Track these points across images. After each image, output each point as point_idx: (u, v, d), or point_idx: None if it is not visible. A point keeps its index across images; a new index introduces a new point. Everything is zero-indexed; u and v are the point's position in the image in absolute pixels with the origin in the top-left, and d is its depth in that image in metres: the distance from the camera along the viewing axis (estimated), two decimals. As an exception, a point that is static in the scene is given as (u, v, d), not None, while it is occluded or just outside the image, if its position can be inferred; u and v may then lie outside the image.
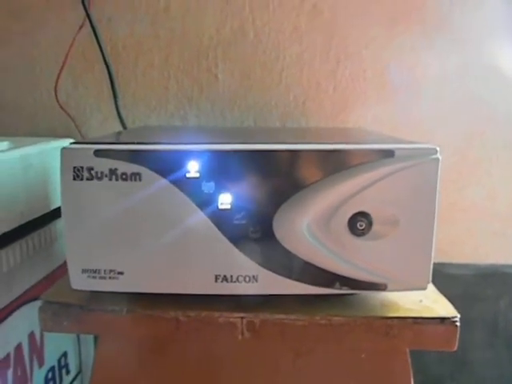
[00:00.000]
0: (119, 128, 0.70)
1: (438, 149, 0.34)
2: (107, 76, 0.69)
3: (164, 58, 0.69)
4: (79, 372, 0.65)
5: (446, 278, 0.73)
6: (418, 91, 0.68)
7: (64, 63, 0.68)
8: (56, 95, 0.69)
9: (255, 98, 0.70)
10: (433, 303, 0.37)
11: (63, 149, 0.34)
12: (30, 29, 0.69)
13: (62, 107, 0.70)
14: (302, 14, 0.67)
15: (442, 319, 0.35)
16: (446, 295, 0.41)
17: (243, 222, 0.34)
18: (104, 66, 0.68)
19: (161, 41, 0.69)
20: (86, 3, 0.66)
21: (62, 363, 0.61)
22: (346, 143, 0.35)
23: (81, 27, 0.67)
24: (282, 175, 0.34)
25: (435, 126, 0.68)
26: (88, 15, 0.66)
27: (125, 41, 0.69)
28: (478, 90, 0.67)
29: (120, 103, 0.69)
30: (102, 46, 0.67)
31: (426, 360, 0.75)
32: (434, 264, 0.72)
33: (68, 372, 0.62)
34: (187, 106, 0.71)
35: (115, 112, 0.69)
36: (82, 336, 0.65)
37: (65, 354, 0.62)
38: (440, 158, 0.34)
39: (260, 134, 0.53)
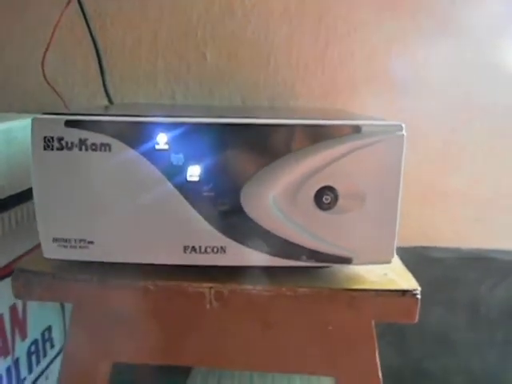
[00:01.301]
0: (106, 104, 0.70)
1: (403, 125, 0.34)
2: (94, 52, 0.69)
3: (152, 35, 0.69)
4: (64, 345, 0.66)
5: (428, 261, 0.74)
6: (406, 76, 0.68)
7: (51, 39, 0.68)
8: (43, 72, 0.69)
9: (243, 77, 0.70)
10: (397, 277, 0.37)
11: (34, 119, 0.35)
12: (18, 6, 0.69)
13: (49, 83, 0.70)
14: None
15: (404, 292, 0.35)
16: (428, 278, 0.42)
17: (211, 194, 0.35)
18: (92, 43, 0.68)
19: (149, 18, 0.69)
20: (73, -22, 0.65)
21: (46, 337, 0.62)
22: (315, 119, 0.35)
23: (68, 3, 0.67)
24: (250, 149, 0.35)
25: (421, 111, 0.69)
26: (75, -10, 0.66)
27: (113, 17, 0.69)
28: (465, 77, 0.67)
29: (108, 80, 0.69)
30: (90, 22, 0.67)
31: (408, 341, 0.76)
32: (417, 247, 0.73)
33: (52, 346, 0.64)
34: (175, 85, 0.71)
35: (103, 89, 0.70)
36: (66, 310, 0.66)
37: (49, 328, 0.63)
38: (405, 134, 0.34)
39: (235, 111, 0.53)
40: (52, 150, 0.34)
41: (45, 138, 0.34)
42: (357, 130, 0.34)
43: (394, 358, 0.76)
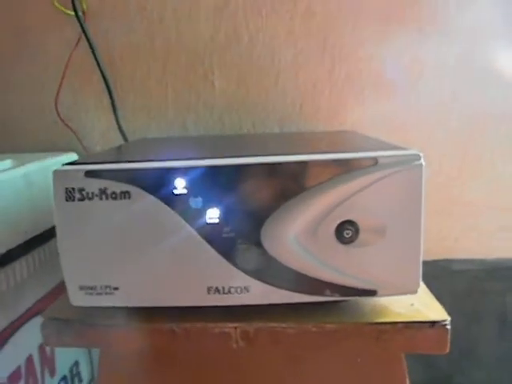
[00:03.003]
0: (120, 139, 0.71)
1: (421, 155, 0.34)
2: (105, 89, 0.70)
3: (161, 67, 0.70)
4: (91, 379, 0.67)
5: (452, 274, 0.73)
6: (416, 89, 0.68)
7: (62, 78, 0.70)
8: (57, 110, 0.71)
9: (253, 103, 0.71)
10: (424, 307, 0.37)
11: (55, 171, 0.35)
12: (31, 48, 0.71)
13: (63, 121, 0.71)
14: (296, 16, 0.68)
15: (433, 323, 0.35)
16: (452, 291, 0.41)
17: (232, 234, 0.35)
18: (102, 78, 0.69)
19: (157, 50, 0.70)
20: (81, 18, 0.67)
21: (74, 372, 0.63)
22: (330, 152, 0.35)
23: (78, 42, 0.69)
24: (267, 187, 0.35)
25: (435, 122, 0.68)
26: (83, 29, 0.67)
27: (122, 52, 0.70)
28: (477, 84, 0.67)
29: (120, 114, 0.71)
30: (99, 58, 0.69)
31: (434, 356, 0.75)
32: (440, 261, 0.72)
33: (81, 380, 0.64)
34: (186, 114, 0.71)
35: (115, 123, 0.71)
36: (92, 344, 0.66)
37: (76, 364, 0.63)
38: (423, 163, 0.34)
39: (249, 143, 0.53)
40: (73, 200, 0.35)
41: (66, 189, 0.35)
42: (374, 162, 0.34)
43: (421, 374, 0.75)
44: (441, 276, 0.70)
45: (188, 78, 0.70)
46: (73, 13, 0.66)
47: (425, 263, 0.38)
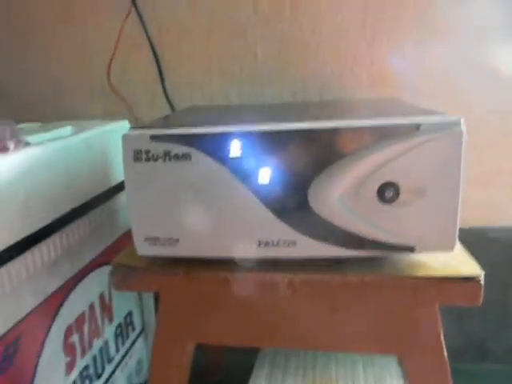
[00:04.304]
0: (167, 107, 0.75)
1: (462, 120, 0.36)
2: (153, 60, 0.73)
3: (205, 39, 0.73)
4: (142, 329, 0.74)
5: (489, 242, 0.75)
6: (456, 59, 0.68)
7: (115, 49, 0.73)
8: (109, 80, 0.75)
9: (294, 73, 0.73)
10: (459, 263, 0.40)
11: (124, 135, 0.40)
12: (83, 21, 0.75)
13: (114, 90, 0.76)
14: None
15: (466, 278, 0.38)
16: (489, 259, 0.43)
17: (281, 193, 0.39)
18: (150, 50, 0.73)
19: (201, 23, 0.72)
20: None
21: (128, 320, 0.69)
22: (375, 118, 0.38)
23: (128, 14, 0.72)
24: (315, 151, 0.38)
25: (478, 91, 0.68)
26: (134, 2, 0.71)
27: (168, 24, 0.73)
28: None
29: (167, 85, 0.74)
30: (148, 30, 0.72)
31: (469, 321, 0.77)
32: (478, 228, 0.73)
33: (133, 329, 0.71)
34: (229, 84, 0.74)
35: (162, 93, 0.75)
36: (144, 297, 0.73)
37: (130, 313, 0.70)
38: (464, 129, 0.36)
39: (294, 111, 0.56)
40: (141, 161, 0.39)
41: (134, 151, 0.39)
42: (416, 127, 0.37)
43: (457, 340, 0.77)
44: (477, 243, 0.72)
45: (231, 49, 0.73)
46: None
47: (462, 231, 0.40)
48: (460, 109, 0.68)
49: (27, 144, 0.49)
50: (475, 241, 0.65)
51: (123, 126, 0.68)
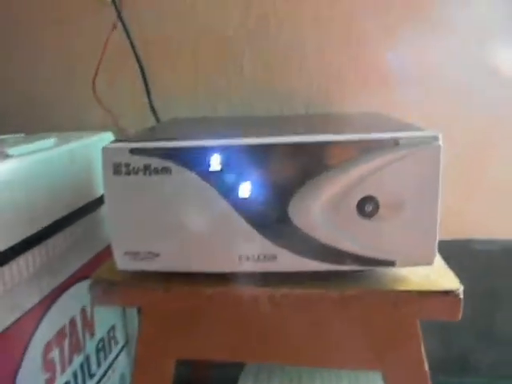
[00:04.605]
0: (152, 119, 0.75)
1: (439, 136, 0.37)
2: (139, 72, 0.74)
3: (192, 52, 0.73)
4: (126, 342, 0.73)
5: (472, 254, 0.75)
6: (442, 76, 0.69)
7: (100, 61, 0.73)
8: (94, 92, 0.75)
9: (280, 86, 0.73)
10: (439, 277, 0.40)
11: (104, 148, 0.39)
12: (68, 33, 0.75)
13: (99, 102, 0.75)
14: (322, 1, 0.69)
15: (446, 292, 0.38)
16: (472, 271, 0.43)
17: (262, 208, 0.39)
18: (136, 62, 0.73)
19: (188, 36, 0.73)
20: (118, 4, 0.70)
21: (111, 335, 0.68)
22: (354, 133, 0.38)
23: (114, 27, 0.72)
24: (295, 165, 0.38)
25: (458, 106, 0.69)
26: (119, 15, 0.71)
27: (154, 37, 0.73)
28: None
29: (152, 97, 0.74)
30: (134, 43, 0.72)
31: (452, 333, 0.77)
32: (460, 241, 0.74)
33: (116, 343, 0.70)
34: (215, 97, 0.75)
35: (148, 105, 0.75)
36: (127, 311, 0.72)
37: (113, 327, 0.69)
38: (442, 144, 0.36)
39: (276, 124, 0.56)
40: (120, 174, 0.39)
41: (114, 164, 0.39)
42: (395, 142, 0.37)
43: (439, 352, 0.77)
44: (460, 255, 0.72)
45: (218, 62, 0.73)
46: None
47: (445, 242, 0.41)
48: (443, 122, 0.69)
49: (8, 156, 0.49)
50: (458, 253, 0.65)
51: (107, 137, 0.68)
